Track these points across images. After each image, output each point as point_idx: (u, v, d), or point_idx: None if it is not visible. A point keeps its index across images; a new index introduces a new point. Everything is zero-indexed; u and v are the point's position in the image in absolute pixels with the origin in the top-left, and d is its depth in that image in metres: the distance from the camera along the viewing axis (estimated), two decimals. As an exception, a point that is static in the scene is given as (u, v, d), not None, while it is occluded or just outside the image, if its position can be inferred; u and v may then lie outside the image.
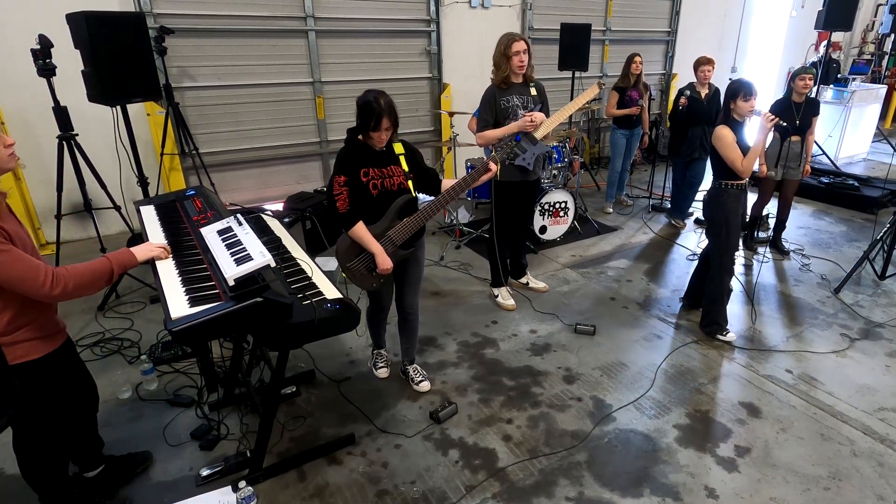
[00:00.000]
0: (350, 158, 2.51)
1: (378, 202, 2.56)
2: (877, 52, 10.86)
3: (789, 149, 4.32)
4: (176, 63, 4.96)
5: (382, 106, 2.40)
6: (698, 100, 4.95)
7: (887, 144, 8.63)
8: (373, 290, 2.77)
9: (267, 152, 5.68)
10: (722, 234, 3.34)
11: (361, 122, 2.45)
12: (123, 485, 2.39)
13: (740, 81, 3.18)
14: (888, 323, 3.71)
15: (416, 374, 3.08)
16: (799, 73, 4.27)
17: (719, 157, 3.22)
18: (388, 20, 5.91)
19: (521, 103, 3.47)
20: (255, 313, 1.87)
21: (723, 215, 3.32)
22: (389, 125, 2.45)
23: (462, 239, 5.10)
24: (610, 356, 3.36)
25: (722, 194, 3.31)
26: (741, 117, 3.20)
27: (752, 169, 3.16)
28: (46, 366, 1.90)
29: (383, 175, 2.55)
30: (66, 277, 1.77)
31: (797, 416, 2.84)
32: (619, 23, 7.71)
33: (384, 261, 2.55)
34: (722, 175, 3.29)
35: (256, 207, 3.00)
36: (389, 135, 2.51)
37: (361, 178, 2.51)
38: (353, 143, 2.54)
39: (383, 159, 2.57)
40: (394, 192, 2.58)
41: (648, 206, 6.08)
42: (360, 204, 2.54)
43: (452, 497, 2.34)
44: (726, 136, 3.16)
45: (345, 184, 2.49)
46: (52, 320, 1.94)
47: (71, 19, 3.37)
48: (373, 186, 2.53)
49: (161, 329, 3.53)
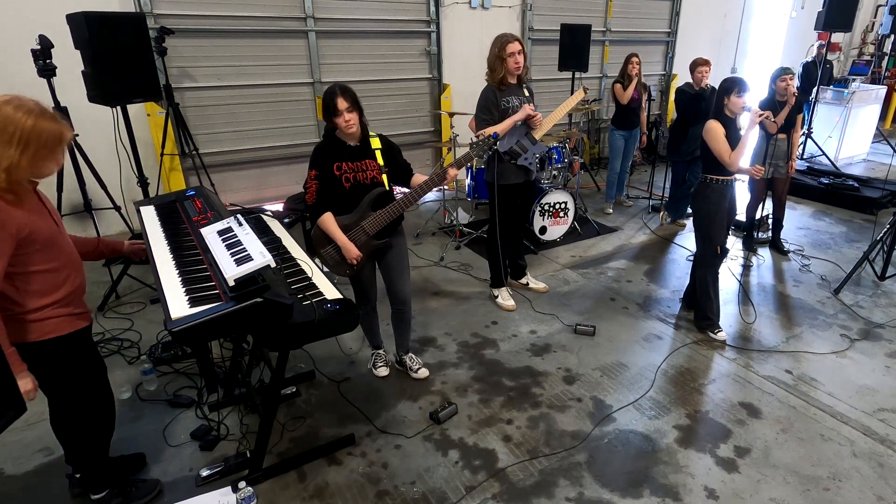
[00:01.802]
0: (323, 154, 2.64)
1: (350, 195, 2.67)
2: (876, 53, 10.87)
3: (776, 147, 4.36)
4: (176, 63, 4.96)
5: (335, 90, 2.50)
6: (698, 98, 4.95)
7: (887, 145, 8.63)
8: (348, 276, 2.84)
9: (267, 153, 5.68)
10: (705, 227, 3.40)
11: (324, 112, 2.56)
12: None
13: (734, 78, 3.23)
14: (888, 323, 3.71)
15: (412, 363, 3.14)
16: (779, 74, 4.29)
17: (708, 150, 3.26)
18: (388, 21, 5.92)
19: (519, 104, 3.48)
20: (256, 314, 1.87)
21: (706, 209, 3.37)
22: (347, 104, 2.50)
23: (462, 239, 5.10)
24: (610, 357, 3.36)
25: (706, 188, 3.35)
26: (733, 113, 3.25)
27: (738, 162, 3.20)
28: (79, 341, 1.98)
29: (356, 169, 2.65)
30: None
31: (797, 416, 2.84)
32: (619, 23, 7.71)
33: (348, 249, 2.66)
34: (709, 169, 3.34)
35: (256, 208, 3.01)
36: (355, 118, 2.55)
37: (334, 172, 2.62)
38: (328, 139, 2.69)
39: (358, 154, 2.67)
40: (366, 185, 2.68)
41: (648, 207, 6.08)
42: (333, 196, 2.66)
43: (452, 497, 2.34)
44: (716, 129, 3.20)
45: (315, 177, 2.62)
46: (83, 301, 2.02)
47: (71, 19, 3.37)
48: (345, 180, 2.64)
49: (161, 329, 3.53)
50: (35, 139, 1.69)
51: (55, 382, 1.99)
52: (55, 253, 1.84)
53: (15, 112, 1.66)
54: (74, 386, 2.03)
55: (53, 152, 1.76)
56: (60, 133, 1.76)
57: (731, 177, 3.33)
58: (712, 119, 3.26)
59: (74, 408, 2.07)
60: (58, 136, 1.75)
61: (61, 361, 1.95)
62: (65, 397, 2.04)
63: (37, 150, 1.70)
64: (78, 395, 2.05)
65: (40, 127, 1.69)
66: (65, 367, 1.97)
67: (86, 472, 2.22)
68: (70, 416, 2.09)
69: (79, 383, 2.03)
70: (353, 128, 2.56)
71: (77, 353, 2.00)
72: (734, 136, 3.22)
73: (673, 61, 8.48)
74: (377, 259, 2.89)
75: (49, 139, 1.72)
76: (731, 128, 3.23)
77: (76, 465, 2.26)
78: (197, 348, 2.88)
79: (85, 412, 2.10)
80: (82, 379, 2.04)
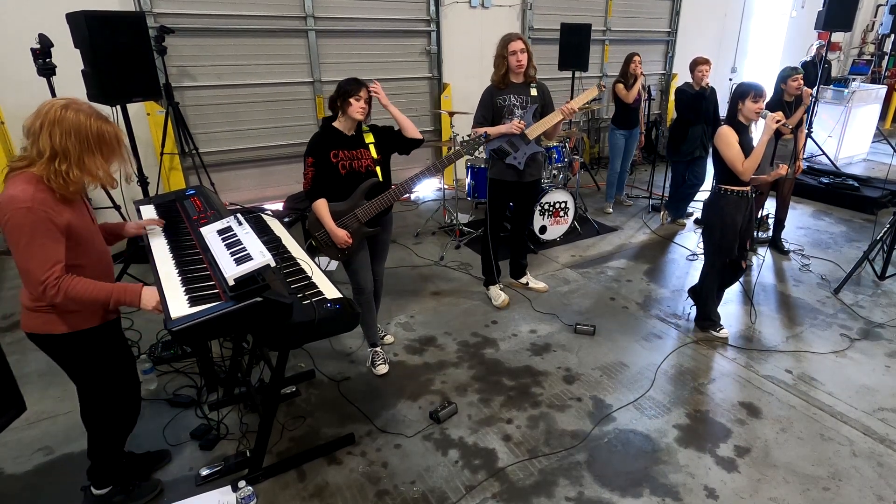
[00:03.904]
0: (321, 142, 2.77)
1: (346, 181, 2.81)
2: (876, 53, 10.87)
3: (786, 147, 4.34)
4: (176, 63, 4.96)
5: (360, 80, 2.73)
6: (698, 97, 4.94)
7: (887, 145, 8.63)
8: (340, 260, 2.96)
9: (267, 152, 5.67)
10: (715, 237, 3.33)
11: (340, 96, 2.71)
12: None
13: (750, 83, 3.13)
14: (888, 323, 3.71)
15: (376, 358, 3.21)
16: (790, 74, 4.28)
17: (721, 158, 3.17)
18: (388, 20, 5.91)
19: (519, 103, 3.48)
20: (255, 313, 1.86)
21: (719, 220, 3.27)
22: (367, 95, 2.73)
23: (462, 239, 5.10)
24: (610, 356, 3.36)
25: (721, 199, 3.26)
26: (747, 120, 3.14)
27: (753, 170, 3.09)
28: (107, 333, 2.04)
29: (352, 157, 2.80)
30: (63, 288, 1.75)
31: (797, 416, 2.84)
32: (619, 23, 7.70)
33: (336, 235, 2.79)
34: (722, 179, 3.24)
35: (256, 207, 3.04)
36: (367, 109, 2.75)
37: (331, 160, 2.76)
38: (326, 128, 2.81)
39: (353, 143, 2.82)
40: (361, 173, 2.83)
41: (648, 207, 6.08)
42: (329, 183, 2.79)
43: (452, 497, 2.34)
44: (728, 136, 3.11)
45: (312, 164, 2.75)
46: None
47: (71, 19, 3.37)
48: (341, 167, 2.78)
49: (161, 329, 3.53)
50: (99, 140, 1.78)
51: (86, 373, 2.05)
52: (84, 250, 1.88)
53: (77, 116, 1.73)
54: (104, 376, 2.08)
55: (115, 153, 1.85)
56: (116, 134, 1.84)
57: (748, 188, 3.20)
58: (725, 125, 3.15)
59: (104, 398, 2.12)
60: (116, 137, 1.83)
61: (91, 352, 2.00)
62: (95, 387, 2.09)
63: (105, 149, 1.80)
64: (107, 385, 2.10)
65: (102, 129, 1.78)
66: (94, 358, 2.02)
67: (97, 464, 2.23)
68: (99, 407, 2.13)
69: (108, 374, 2.09)
70: (362, 116, 2.75)
71: (106, 345, 2.05)
72: (747, 143, 3.13)
73: (673, 61, 8.47)
74: (368, 244, 3.04)
75: (111, 139, 1.81)
76: (743, 134, 3.13)
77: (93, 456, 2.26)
78: (197, 348, 2.88)
79: (113, 403, 2.14)
80: (111, 370, 2.09)
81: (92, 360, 2.02)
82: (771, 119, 3.02)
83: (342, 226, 2.82)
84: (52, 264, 1.73)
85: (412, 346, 3.47)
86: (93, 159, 1.78)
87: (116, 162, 1.87)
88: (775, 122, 3.01)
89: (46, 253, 1.72)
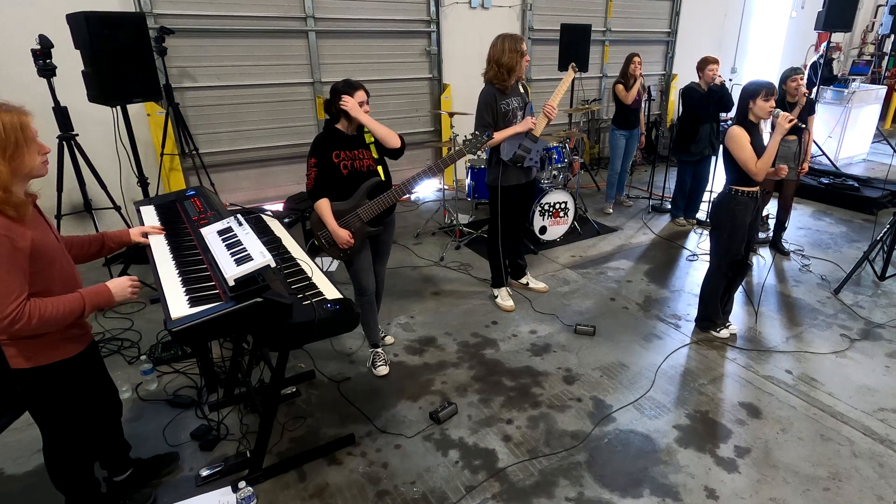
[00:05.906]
0: (323, 143, 2.79)
1: (348, 181, 2.83)
2: (876, 53, 10.86)
3: (788, 149, 4.32)
4: (176, 63, 4.96)
5: (357, 83, 2.77)
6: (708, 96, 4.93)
7: (887, 145, 8.63)
8: (342, 259, 2.97)
9: (267, 152, 5.67)
10: (723, 239, 3.29)
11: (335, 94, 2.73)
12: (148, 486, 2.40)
13: (760, 81, 3.07)
14: (888, 323, 3.71)
15: (377, 359, 3.20)
16: (789, 74, 4.27)
17: (732, 159, 3.11)
18: (389, 20, 5.92)
19: (519, 105, 3.50)
20: (255, 313, 1.87)
21: (728, 221, 3.22)
22: (366, 97, 2.77)
23: (462, 239, 5.10)
24: (610, 357, 3.36)
25: (731, 200, 3.19)
26: (757, 119, 3.08)
27: (766, 170, 3.03)
28: (76, 365, 1.87)
29: (353, 157, 2.83)
30: (34, 314, 1.63)
31: (797, 416, 2.84)
32: (619, 23, 7.71)
33: (338, 235, 2.80)
34: (734, 180, 3.18)
35: (256, 208, 3.03)
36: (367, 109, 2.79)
37: (333, 160, 2.78)
38: (328, 130, 2.84)
39: (354, 143, 2.84)
40: (363, 172, 2.85)
41: (648, 207, 6.08)
42: (331, 183, 2.81)
43: (452, 497, 2.34)
44: (740, 136, 3.04)
45: (315, 165, 2.77)
46: (83, 321, 1.91)
47: (71, 19, 3.37)
48: (343, 167, 2.80)
49: (161, 329, 3.53)
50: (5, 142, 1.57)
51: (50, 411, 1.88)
52: (51, 273, 1.73)
53: None
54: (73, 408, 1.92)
55: (25, 144, 1.62)
56: (20, 121, 1.60)
57: (758, 188, 3.16)
58: (735, 125, 3.09)
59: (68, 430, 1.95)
60: (18, 125, 1.60)
61: (64, 385, 1.84)
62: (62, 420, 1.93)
63: (3, 148, 1.57)
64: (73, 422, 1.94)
65: None
66: (66, 391, 1.86)
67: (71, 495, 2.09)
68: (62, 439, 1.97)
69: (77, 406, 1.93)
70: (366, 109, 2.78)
71: (80, 376, 1.90)
72: (758, 142, 3.08)
73: (673, 61, 8.47)
74: (370, 245, 3.05)
75: (11, 132, 1.58)
76: (754, 134, 3.07)
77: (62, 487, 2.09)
78: (197, 348, 2.88)
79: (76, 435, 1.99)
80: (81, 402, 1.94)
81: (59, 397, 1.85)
82: (784, 118, 2.96)
83: (344, 225, 2.82)
84: (18, 295, 1.59)
85: (412, 346, 3.47)
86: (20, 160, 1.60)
87: (31, 156, 1.65)
88: (788, 121, 2.95)
89: (12, 283, 1.59)
